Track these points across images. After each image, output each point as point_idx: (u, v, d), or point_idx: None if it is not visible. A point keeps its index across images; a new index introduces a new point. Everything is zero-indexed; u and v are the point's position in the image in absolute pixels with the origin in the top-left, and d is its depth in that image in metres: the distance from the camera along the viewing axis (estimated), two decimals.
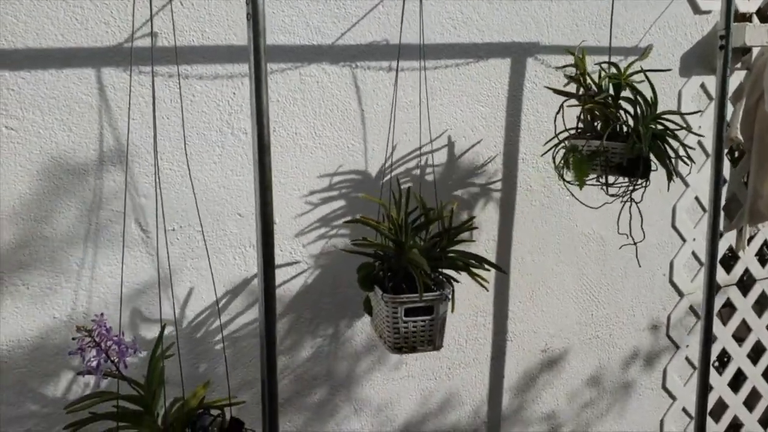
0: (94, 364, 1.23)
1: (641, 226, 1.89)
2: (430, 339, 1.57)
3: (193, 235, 1.65)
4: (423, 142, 1.83)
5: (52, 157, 1.49)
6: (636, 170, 1.71)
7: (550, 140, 1.83)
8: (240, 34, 1.61)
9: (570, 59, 1.78)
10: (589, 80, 1.75)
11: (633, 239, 1.91)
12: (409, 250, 1.55)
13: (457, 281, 1.66)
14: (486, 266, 1.66)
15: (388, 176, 1.81)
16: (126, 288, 1.59)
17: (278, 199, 1.70)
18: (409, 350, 1.58)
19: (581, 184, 1.74)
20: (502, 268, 1.78)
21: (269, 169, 1.31)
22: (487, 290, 1.97)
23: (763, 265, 2.52)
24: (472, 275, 1.63)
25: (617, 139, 1.72)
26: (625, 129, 1.73)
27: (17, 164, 1.46)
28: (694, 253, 2.33)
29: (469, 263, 1.62)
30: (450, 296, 1.60)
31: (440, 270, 1.64)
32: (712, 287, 2.08)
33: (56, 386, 1.56)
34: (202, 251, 1.66)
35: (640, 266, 2.07)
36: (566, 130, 1.81)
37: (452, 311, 1.66)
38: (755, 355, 2.57)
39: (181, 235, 1.63)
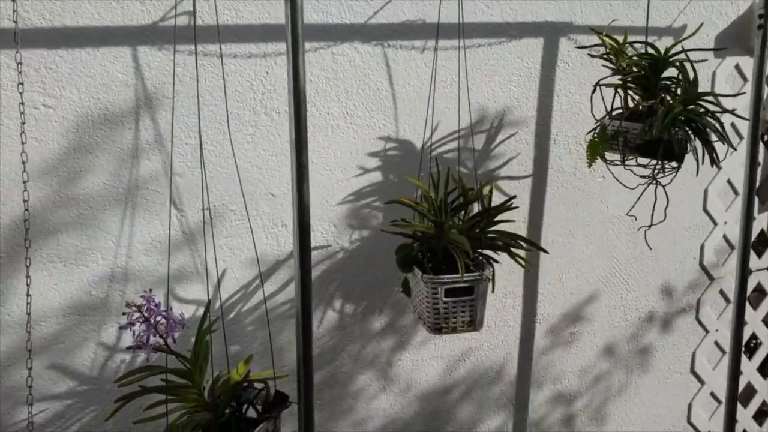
0: (144, 338, 1.24)
1: (665, 209, 1.87)
2: (471, 320, 1.58)
3: (226, 215, 1.66)
4: (457, 123, 1.82)
5: (89, 135, 1.50)
6: (655, 152, 1.69)
7: (596, 122, 1.80)
8: (274, 13, 1.60)
9: (605, 39, 1.76)
10: (626, 60, 1.73)
11: (651, 220, 1.89)
12: (449, 230, 1.55)
13: (497, 261, 1.66)
14: (528, 246, 1.66)
15: (427, 155, 1.80)
16: (161, 266, 1.60)
17: (310, 178, 1.69)
18: (449, 331, 1.58)
19: (590, 162, 1.74)
20: (542, 248, 1.78)
21: (306, 145, 1.31)
22: (528, 270, 1.97)
23: None
24: (512, 255, 1.63)
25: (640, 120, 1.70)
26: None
27: (55, 142, 1.47)
28: (725, 237, 2.31)
29: (510, 243, 1.62)
30: (490, 276, 1.60)
31: (479, 250, 1.63)
32: (745, 270, 2.06)
33: (92, 364, 1.58)
34: (235, 230, 1.67)
35: (650, 248, 2.05)
36: (609, 112, 1.78)
37: (492, 291, 1.66)
38: None
39: (214, 214, 1.64)
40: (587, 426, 2.25)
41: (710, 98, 1.72)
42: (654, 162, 1.76)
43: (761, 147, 2.20)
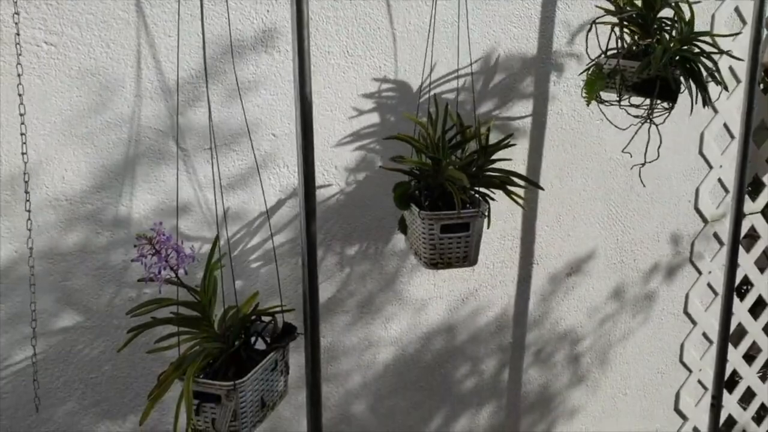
0: (155, 270, 1.26)
1: (658, 148, 1.89)
2: (466, 255, 1.60)
3: (229, 155, 1.67)
4: (456, 63, 1.83)
5: (91, 73, 1.50)
6: (651, 91, 1.70)
7: (591, 62, 1.81)
8: None
9: None
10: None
11: (644, 159, 1.91)
12: (446, 167, 1.57)
13: (493, 199, 1.68)
14: (524, 183, 1.68)
15: (425, 95, 1.81)
16: (164, 205, 1.61)
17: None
18: (444, 266, 1.61)
19: (589, 100, 1.76)
20: (538, 184, 1.80)
21: (309, 79, 1.32)
22: (524, 208, 1.99)
23: None
24: (508, 193, 1.65)
25: (639, 59, 1.71)
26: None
27: (57, 80, 1.47)
28: (720, 180, 2.34)
29: (507, 180, 1.64)
30: (486, 213, 1.62)
31: (476, 188, 1.66)
32: (739, 213, 2.09)
33: (99, 300, 1.61)
34: (237, 171, 1.68)
35: (644, 186, 2.07)
36: (604, 51, 1.80)
37: (488, 227, 1.68)
38: None
39: (218, 153, 1.65)
40: (582, 365, 2.30)
41: (707, 39, 1.73)
42: (648, 102, 1.78)
43: (758, 91, 2.21)
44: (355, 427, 2.00)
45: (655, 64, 1.63)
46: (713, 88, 1.81)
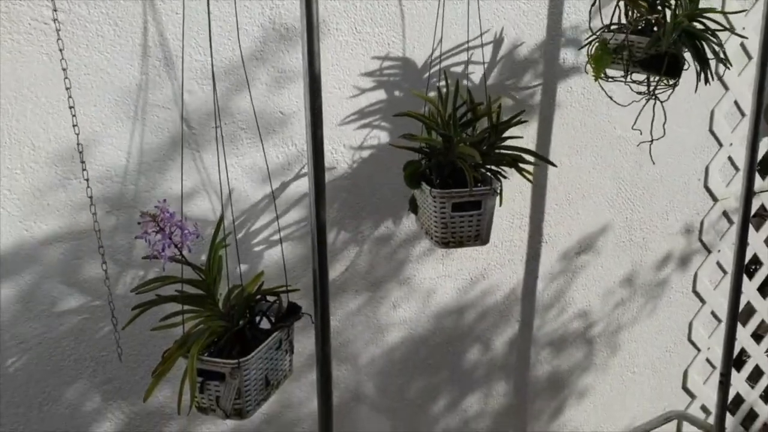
0: (159, 248, 1.26)
1: (663, 125, 1.87)
2: (477, 234, 1.60)
3: (236, 133, 1.66)
4: (466, 39, 1.81)
5: (98, 51, 1.49)
6: (660, 67, 1.68)
7: (590, 36, 1.80)
8: None
9: None
10: None
11: (651, 136, 1.90)
12: (457, 144, 1.56)
13: (505, 177, 1.67)
14: (536, 159, 1.68)
15: (435, 69, 1.80)
16: (172, 183, 1.61)
17: None
18: (456, 245, 1.60)
19: (597, 76, 1.74)
20: (551, 161, 1.78)
21: (318, 56, 1.30)
22: (534, 183, 1.99)
23: None
24: (520, 170, 1.64)
25: (648, 34, 1.70)
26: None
27: (65, 58, 1.46)
28: (730, 158, 2.32)
29: (518, 157, 1.63)
30: (498, 191, 1.61)
31: (486, 166, 1.65)
32: (750, 191, 2.08)
33: (104, 279, 1.61)
34: (245, 149, 1.68)
35: (654, 163, 2.06)
36: (605, 26, 1.79)
37: (500, 205, 1.68)
38: None
39: (225, 132, 1.64)
40: (591, 344, 2.30)
41: (713, 15, 1.71)
42: (653, 78, 1.77)
43: None
44: (365, 405, 2.01)
45: (666, 39, 1.61)
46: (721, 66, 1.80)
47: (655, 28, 1.70)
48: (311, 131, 1.35)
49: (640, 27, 1.72)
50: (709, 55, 1.69)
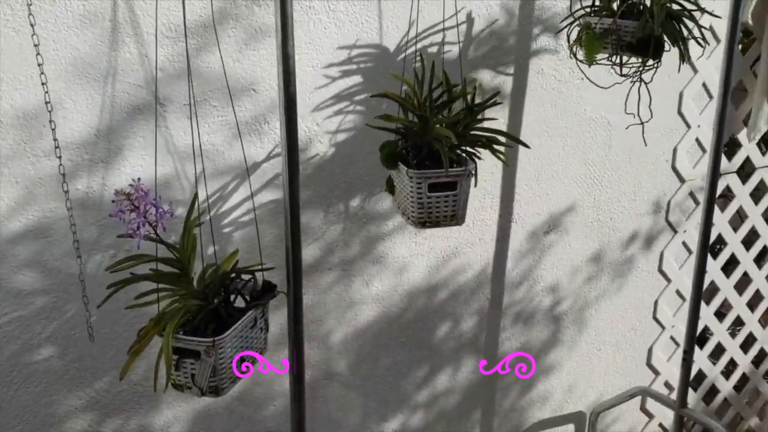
0: (134, 226, 1.26)
1: (649, 106, 1.90)
2: (453, 214, 1.62)
3: (208, 111, 1.65)
4: (440, 20, 1.81)
5: (67, 27, 1.47)
6: (647, 50, 1.71)
7: (566, 18, 1.82)
8: None
9: None
10: None
11: (640, 119, 1.93)
12: (433, 125, 1.57)
13: (479, 158, 1.69)
14: (510, 141, 1.71)
15: (411, 50, 1.80)
16: (143, 160, 1.60)
17: None
18: (432, 224, 1.63)
19: (590, 62, 1.76)
20: (525, 143, 1.80)
21: (291, 36, 1.30)
22: (507, 165, 2.01)
23: (763, 153, 2.56)
24: (494, 152, 1.67)
25: (631, 18, 1.72)
26: (641, 8, 1.73)
27: (33, 34, 1.44)
28: (698, 140, 2.36)
29: (493, 139, 1.65)
30: (474, 172, 1.63)
31: (462, 147, 1.66)
32: (716, 172, 2.12)
33: (75, 258, 1.60)
34: (217, 127, 1.67)
35: (646, 145, 2.09)
36: (583, 8, 1.80)
37: (475, 186, 1.70)
38: (749, 242, 2.65)
39: (198, 109, 1.63)
40: (558, 322, 2.34)
41: None
42: (632, 61, 1.79)
43: (737, 51, 2.22)
44: (337, 383, 2.03)
45: (657, 22, 1.64)
46: (693, 48, 1.82)
47: (638, 12, 1.72)
48: (285, 112, 1.35)
49: (622, 10, 1.74)
50: (687, 35, 1.72)
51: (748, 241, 2.64)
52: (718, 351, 2.74)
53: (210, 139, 1.67)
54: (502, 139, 1.70)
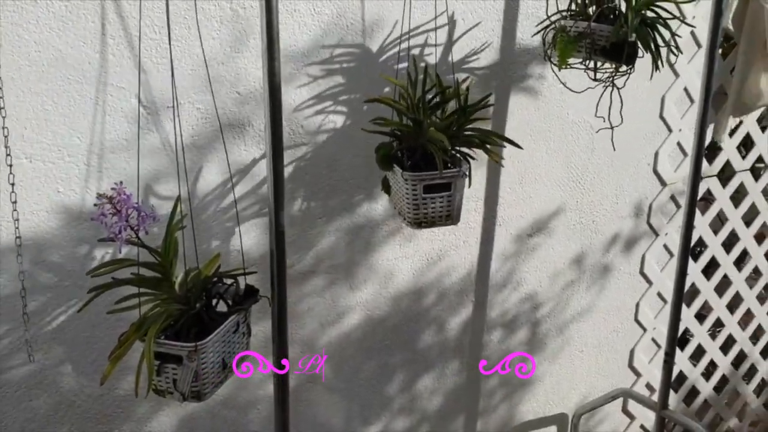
0: (116, 230, 1.24)
1: (620, 111, 1.92)
2: (448, 214, 1.65)
3: (192, 113, 1.64)
4: (423, 22, 1.82)
5: (50, 28, 1.45)
6: (620, 55, 1.72)
7: (543, 21, 1.83)
8: None
9: None
10: None
11: (610, 123, 1.95)
12: (427, 128, 1.59)
13: (473, 158, 1.71)
14: (503, 142, 1.75)
15: (399, 52, 1.80)
16: (129, 164, 1.59)
17: None
18: (428, 225, 1.67)
19: (562, 65, 1.77)
20: (517, 144, 1.81)
21: (277, 38, 1.30)
22: (502, 165, 2.02)
23: (743, 157, 2.59)
24: (488, 152, 1.69)
25: (606, 22, 1.73)
26: (616, 13, 1.75)
27: (16, 35, 1.43)
28: (679, 144, 2.38)
29: (486, 140, 1.67)
30: (467, 173, 1.65)
31: (456, 148, 1.68)
32: (697, 176, 2.14)
33: (72, 260, 1.58)
34: (201, 129, 1.66)
35: (614, 150, 2.11)
36: (559, 11, 1.82)
37: (469, 186, 1.71)
38: (729, 244, 2.68)
39: (181, 111, 1.62)
40: (540, 324, 2.35)
41: (665, 5, 1.76)
42: (604, 66, 1.81)
43: (718, 56, 2.24)
44: (321, 386, 2.02)
45: (631, 27, 1.65)
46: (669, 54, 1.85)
47: (613, 17, 1.73)
48: (270, 114, 1.35)
49: (596, 15, 1.75)
50: (660, 43, 1.74)
51: (729, 244, 2.67)
52: (699, 352, 2.77)
53: (194, 141, 1.66)
54: (496, 139, 1.73)
